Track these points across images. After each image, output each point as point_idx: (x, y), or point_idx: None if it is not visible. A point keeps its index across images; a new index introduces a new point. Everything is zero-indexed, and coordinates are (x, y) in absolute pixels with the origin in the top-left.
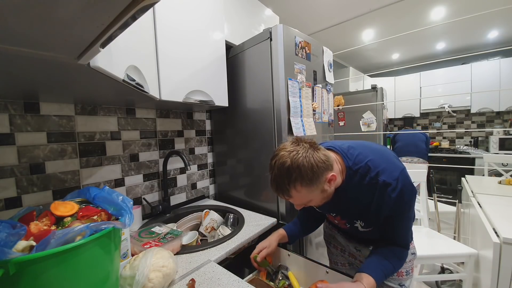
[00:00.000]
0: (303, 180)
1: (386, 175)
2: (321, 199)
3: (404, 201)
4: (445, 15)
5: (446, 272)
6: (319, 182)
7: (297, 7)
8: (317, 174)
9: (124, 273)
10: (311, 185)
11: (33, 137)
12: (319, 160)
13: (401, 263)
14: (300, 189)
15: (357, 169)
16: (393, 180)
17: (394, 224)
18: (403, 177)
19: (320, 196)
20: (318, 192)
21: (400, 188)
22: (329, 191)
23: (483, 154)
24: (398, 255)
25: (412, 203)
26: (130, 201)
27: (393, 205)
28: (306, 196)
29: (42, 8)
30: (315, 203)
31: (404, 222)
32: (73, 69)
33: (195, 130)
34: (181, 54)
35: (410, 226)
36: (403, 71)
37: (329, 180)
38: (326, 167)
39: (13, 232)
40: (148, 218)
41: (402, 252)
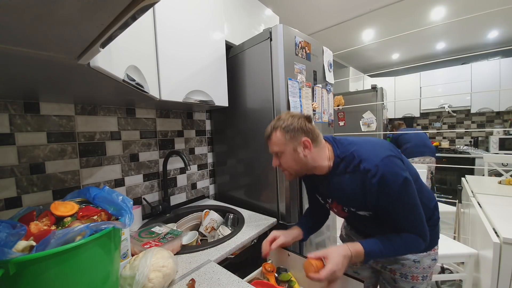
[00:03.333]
0: (282, 127)
1: (367, 163)
2: (292, 160)
3: (390, 188)
4: (445, 15)
5: (446, 272)
6: (295, 138)
7: (297, 7)
8: (295, 131)
9: (124, 273)
10: (286, 134)
11: (33, 137)
12: (303, 124)
13: (406, 246)
14: (279, 134)
15: (343, 157)
16: (372, 166)
17: (393, 213)
18: (384, 164)
19: (291, 155)
20: (291, 148)
21: (381, 174)
22: (300, 156)
23: (483, 154)
24: (405, 239)
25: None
26: (130, 201)
27: (379, 192)
28: (280, 144)
29: (42, 8)
30: (285, 161)
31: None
32: (73, 69)
33: (195, 130)
34: (181, 54)
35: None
36: (403, 71)
37: (304, 145)
38: (305, 132)
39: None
40: (148, 218)
41: (411, 238)
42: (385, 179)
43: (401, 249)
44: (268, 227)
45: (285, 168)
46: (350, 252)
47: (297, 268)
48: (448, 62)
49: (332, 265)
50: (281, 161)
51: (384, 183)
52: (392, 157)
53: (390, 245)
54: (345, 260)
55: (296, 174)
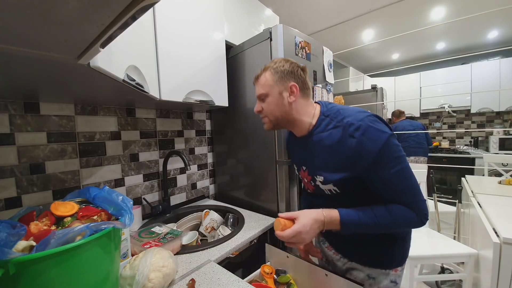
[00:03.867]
0: (272, 68)
1: (351, 118)
2: (275, 105)
3: (374, 143)
4: (445, 15)
5: (446, 272)
6: (283, 81)
7: (297, 7)
8: (285, 73)
9: (124, 273)
10: (274, 75)
11: (33, 137)
12: (295, 68)
13: (393, 217)
14: (267, 74)
15: (328, 114)
16: (357, 121)
17: (374, 179)
18: (369, 120)
19: (275, 99)
20: (276, 92)
21: (364, 129)
22: (284, 102)
23: (483, 154)
24: (391, 209)
25: (390, 150)
26: (130, 201)
27: (360, 149)
28: (267, 86)
29: (42, 8)
30: (267, 105)
31: (391, 175)
32: (73, 69)
33: (195, 130)
34: (181, 54)
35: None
36: (403, 71)
37: (291, 91)
38: (295, 77)
39: (13, 232)
40: (148, 218)
41: (399, 208)
42: (368, 134)
43: (385, 220)
44: (268, 227)
45: (265, 114)
46: (323, 216)
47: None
48: (448, 62)
49: (299, 226)
50: (263, 106)
51: (366, 138)
52: (380, 119)
53: (371, 213)
54: (315, 224)
55: (275, 123)
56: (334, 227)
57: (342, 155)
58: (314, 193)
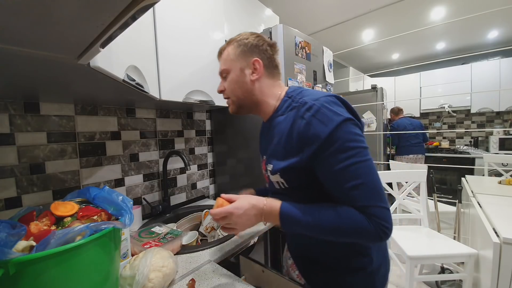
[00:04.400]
0: (236, 41)
1: (308, 98)
2: (235, 82)
3: (324, 126)
4: (445, 15)
5: (446, 272)
6: (245, 55)
7: (297, 7)
8: (248, 47)
9: (124, 273)
10: (236, 49)
11: (33, 137)
12: (261, 43)
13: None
14: (230, 49)
15: (291, 95)
16: (311, 100)
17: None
18: (325, 100)
19: (236, 76)
20: (238, 67)
21: (317, 109)
22: (246, 80)
23: (483, 154)
24: (339, 210)
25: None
26: (130, 201)
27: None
28: (228, 61)
29: (42, 8)
30: (228, 83)
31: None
32: (73, 69)
33: (195, 130)
34: (181, 54)
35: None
36: (403, 71)
37: (254, 67)
38: (260, 52)
39: (13, 232)
40: (148, 218)
41: (349, 211)
42: (319, 115)
43: (330, 221)
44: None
45: (227, 95)
46: (263, 204)
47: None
48: (448, 62)
49: (232, 207)
50: (226, 85)
51: (316, 119)
52: (343, 102)
53: (316, 211)
54: (252, 209)
55: (239, 104)
56: (274, 221)
57: (291, 139)
58: (269, 188)
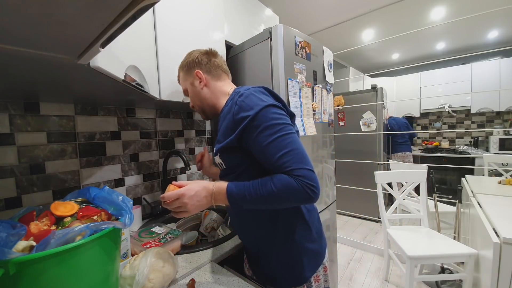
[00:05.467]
0: (181, 66)
1: (243, 89)
2: (194, 95)
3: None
4: (445, 15)
5: (446, 272)
6: (189, 72)
7: (297, 7)
8: (189, 65)
9: (124, 273)
10: (182, 70)
11: (33, 137)
12: (195, 57)
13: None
14: (180, 73)
15: (238, 91)
16: (244, 90)
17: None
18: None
19: (191, 90)
20: (189, 83)
21: (247, 95)
22: (197, 90)
23: (483, 154)
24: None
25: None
26: (130, 201)
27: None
28: (183, 82)
29: (42, 8)
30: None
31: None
32: (73, 69)
33: (195, 130)
34: (181, 54)
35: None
36: (403, 71)
37: (198, 78)
38: (198, 64)
39: (13, 232)
40: (148, 218)
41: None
42: (247, 100)
43: (267, 188)
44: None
45: (194, 106)
46: (212, 186)
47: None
48: (448, 62)
49: (184, 189)
50: (190, 100)
51: (245, 103)
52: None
53: (256, 183)
54: (202, 191)
55: (203, 111)
56: (222, 200)
57: (228, 122)
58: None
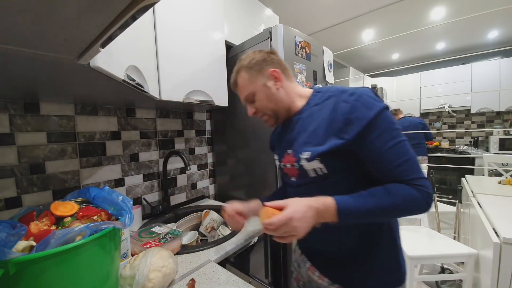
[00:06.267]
0: (245, 66)
1: (346, 87)
2: (265, 98)
3: (367, 109)
4: (445, 15)
5: (446, 272)
6: (261, 72)
7: (297, 7)
8: (258, 64)
9: (124, 273)
10: (250, 70)
11: (33, 137)
12: (265, 55)
13: (391, 196)
14: (244, 74)
15: (320, 90)
16: (351, 89)
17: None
18: (364, 90)
19: (263, 92)
20: (261, 85)
21: (360, 94)
22: (272, 91)
23: (483, 154)
24: (389, 188)
25: (387, 119)
26: (130, 201)
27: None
28: (248, 85)
29: (42, 8)
30: (260, 102)
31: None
32: (73, 69)
33: (195, 130)
34: (181, 54)
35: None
36: (403, 71)
37: (273, 76)
38: (270, 63)
39: (13, 232)
40: (148, 218)
41: (399, 186)
42: (362, 99)
43: (386, 201)
44: None
45: (262, 111)
46: (316, 203)
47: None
48: (448, 62)
49: (290, 211)
50: (256, 106)
51: (360, 103)
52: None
53: (369, 196)
54: (309, 211)
55: (276, 116)
56: (329, 218)
57: (332, 122)
58: (297, 182)
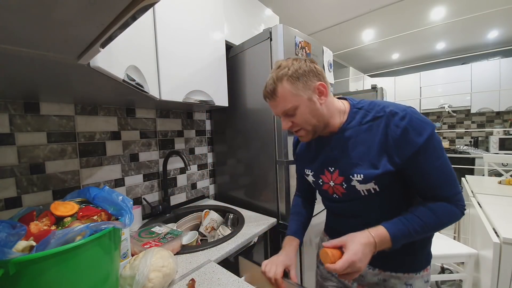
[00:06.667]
0: (290, 76)
1: (393, 107)
2: (308, 113)
3: (418, 135)
4: (445, 15)
5: (446, 272)
6: (306, 84)
7: (297, 7)
8: (305, 74)
9: (124, 273)
10: (296, 82)
11: (33, 137)
12: (309, 64)
13: (438, 217)
14: (285, 85)
15: (361, 106)
16: (400, 110)
17: (416, 172)
18: (412, 111)
19: (306, 107)
20: (305, 98)
21: (410, 117)
22: (317, 106)
23: (483, 154)
24: (432, 208)
25: (435, 141)
26: (130, 201)
27: (403, 140)
28: (291, 97)
29: (42, 8)
30: (301, 117)
31: (433, 167)
32: (73, 69)
33: (195, 130)
34: (181, 54)
35: (449, 173)
36: (403, 71)
37: (319, 91)
38: (316, 74)
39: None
40: (148, 218)
41: (441, 206)
42: (413, 123)
43: (432, 221)
44: (268, 227)
45: (301, 126)
46: (372, 238)
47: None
48: (448, 62)
49: (350, 255)
50: (294, 120)
51: (412, 127)
52: None
53: (416, 219)
54: (366, 248)
55: (314, 131)
56: (385, 246)
57: (384, 146)
58: (341, 199)
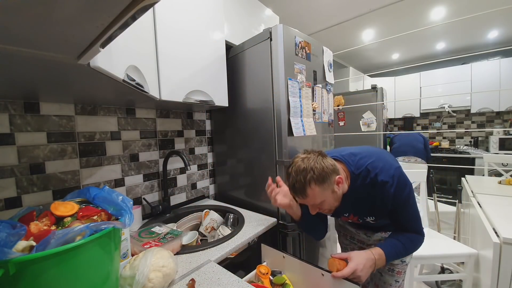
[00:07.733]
0: (316, 179)
1: (383, 175)
2: (333, 201)
3: (401, 194)
4: (445, 15)
5: (446, 272)
6: (330, 182)
7: (297, 7)
8: (328, 175)
9: (124, 273)
10: (323, 184)
11: (33, 137)
12: (327, 164)
13: (413, 245)
14: (314, 187)
15: (359, 173)
16: (389, 178)
17: (400, 214)
18: (398, 173)
19: (331, 197)
20: (330, 192)
21: (396, 184)
22: (338, 193)
23: (483, 154)
24: (411, 238)
25: (410, 194)
26: (130, 201)
27: (393, 199)
28: (320, 195)
29: (41, 8)
30: (327, 205)
31: (409, 211)
32: (73, 69)
33: (195, 130)
34: (181, 54)
35: (416, 214)
36: (403, 71)
37: (337, 182)
38: (334, 170)
39: (13, 232)
40: (148, 218)
41: (414, 237)
42: (399, 188)
43: (410, 247)
44: (268, 227)
45: (327, 210)
46: (373, 255)
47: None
48: (448, 62)
49: (354, 264)
50: (321, 206)
51: (398, 191)
52: (399, 168)
53: (401, 245)
54: (368, 262)
55: (335, 207)
56: (381, 263)
57: (383, 205)
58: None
